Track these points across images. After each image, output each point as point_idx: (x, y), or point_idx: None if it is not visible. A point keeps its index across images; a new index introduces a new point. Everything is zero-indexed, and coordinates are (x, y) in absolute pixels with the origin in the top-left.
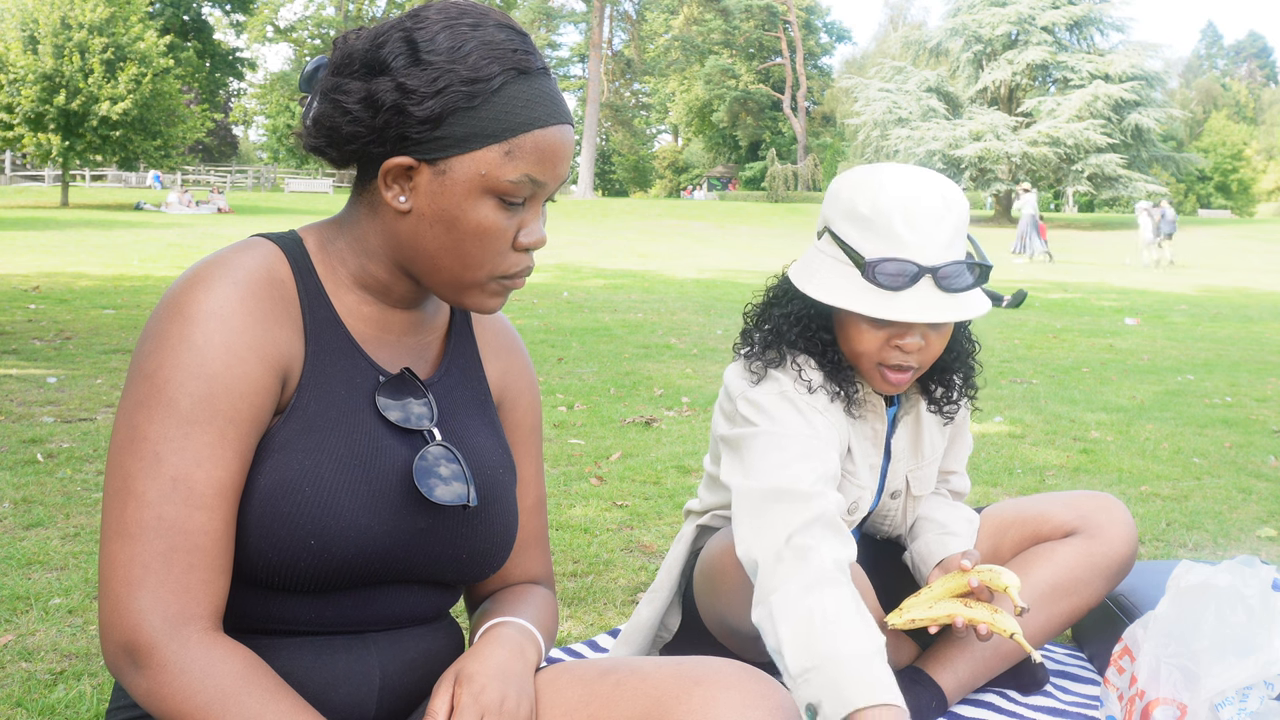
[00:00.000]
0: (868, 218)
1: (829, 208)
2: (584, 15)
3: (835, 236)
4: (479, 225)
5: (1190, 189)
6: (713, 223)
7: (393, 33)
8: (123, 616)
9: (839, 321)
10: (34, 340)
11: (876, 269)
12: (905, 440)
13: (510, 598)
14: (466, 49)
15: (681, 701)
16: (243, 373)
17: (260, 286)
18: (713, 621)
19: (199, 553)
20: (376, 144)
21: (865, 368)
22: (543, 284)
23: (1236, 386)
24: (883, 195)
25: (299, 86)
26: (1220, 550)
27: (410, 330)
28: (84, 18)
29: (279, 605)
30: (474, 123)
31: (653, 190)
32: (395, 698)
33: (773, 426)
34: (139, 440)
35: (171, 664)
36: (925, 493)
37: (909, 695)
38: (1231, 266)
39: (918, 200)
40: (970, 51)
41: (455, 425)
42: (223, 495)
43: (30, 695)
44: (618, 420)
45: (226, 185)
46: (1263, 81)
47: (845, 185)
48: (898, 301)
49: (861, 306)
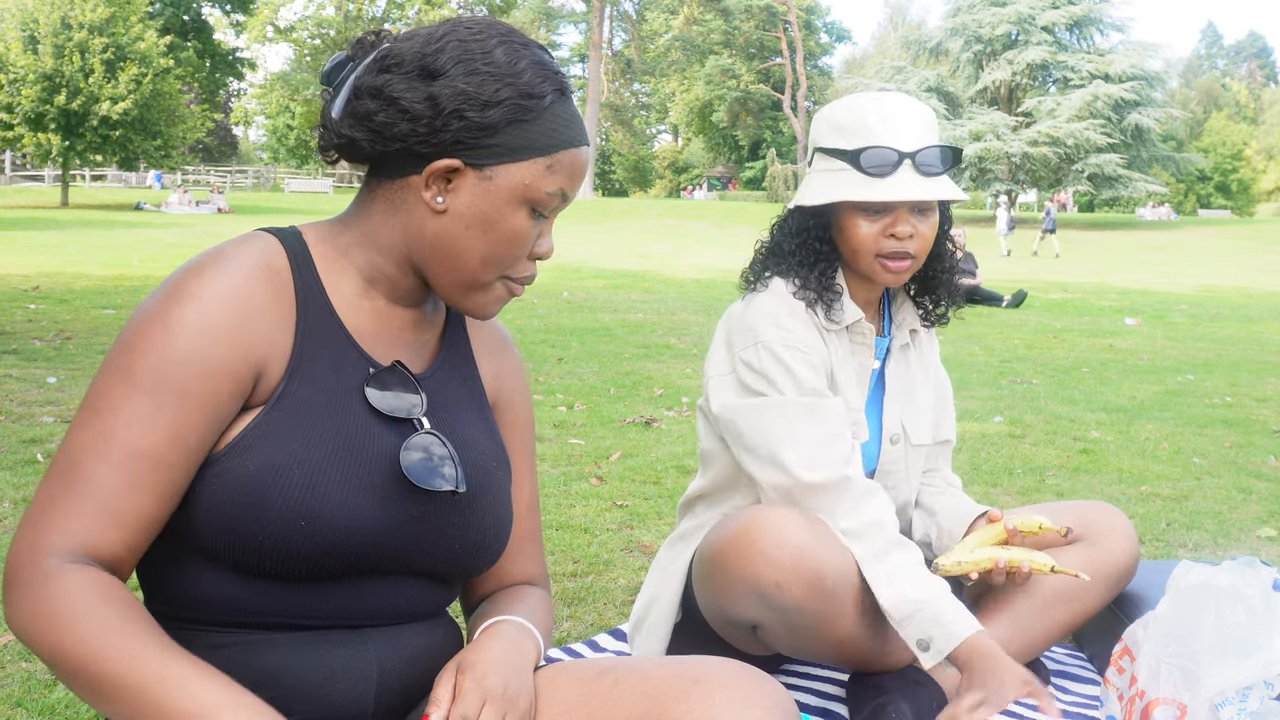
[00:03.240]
0: (845, 123)
1: (815, 133)
2: (584, 15)
3: (821, 150)
4: (512, 231)
5: (1190, 189)
6: (713, 223)
7: (448, 40)
8: (8, 549)
9: (837, 227)
10: (34, 340)
11: (862, 156)
12: (899, 375)
13: (507, 599)
14: (521, 65)
15: (680, 701)
16: (207, 353)
17: (254, 277)
18: (711, 612)
19: (88, 500)
20: (426, 144)
21: (865, 263)
22: (543, 284)
23: (1236, 386)
24: (856, 103)
25: (321, 80)
26: (1220, 550)
27: (409, 327)
28: (84, 18)
29: (275, 597)
30: (526, 136)
31: (653, 190)
32: (393, 694)
33: (780, 397)
34: (89, 395)
35: (24, 585)
36: (923, 443)
37: (910, 695)
38: (1231, 266)
39: (887, 100)
40: (970, 51)
41: (447, 417)
42: (136, 457)
43: (30, 695)
44: (618, 420)
45: (226, 185)
46: (1263, 81)
47: (825, 110)
48: (883, 185)
49: (852, 194)
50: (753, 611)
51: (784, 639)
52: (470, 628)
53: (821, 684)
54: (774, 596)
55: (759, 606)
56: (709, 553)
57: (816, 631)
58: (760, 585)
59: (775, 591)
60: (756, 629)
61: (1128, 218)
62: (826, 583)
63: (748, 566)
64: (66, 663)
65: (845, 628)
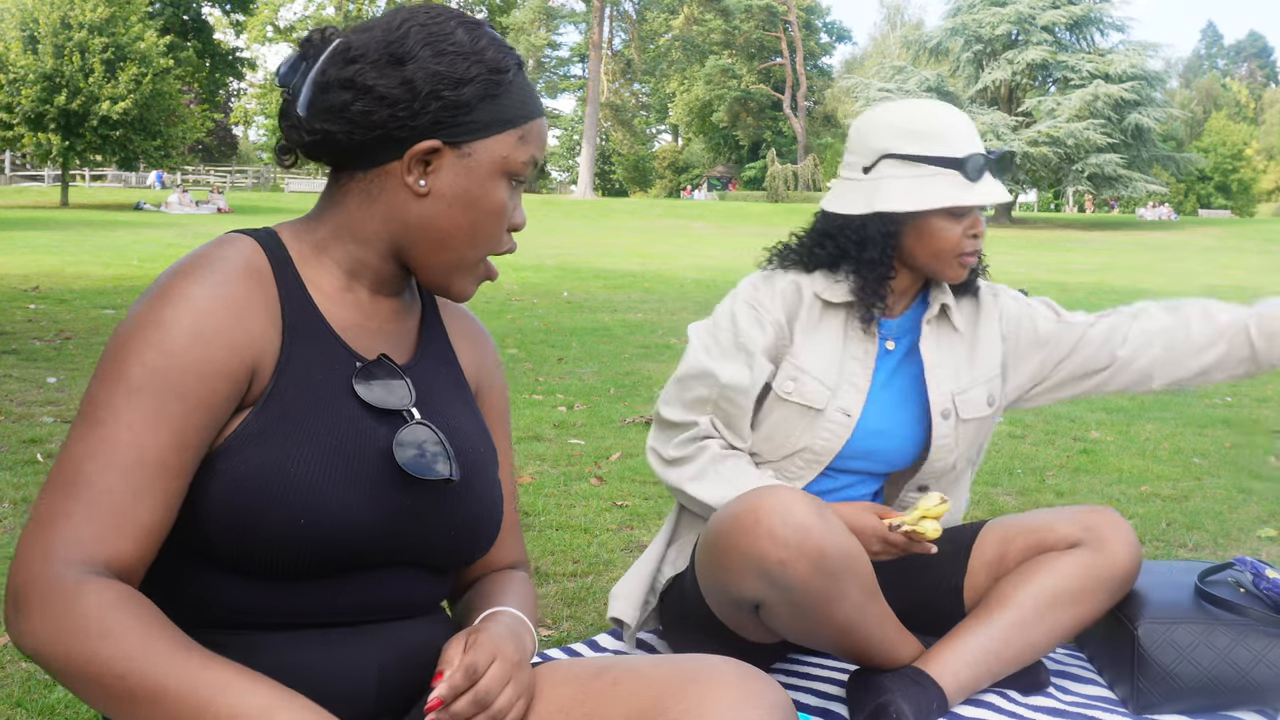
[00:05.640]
0: (927, 131)
1: (878, 139)
2: (584, 15)
3: (903, 156)
4: (496, 204)
5: (1190, 189)
6: (713, 223)
7: (409, 26)
8: (12, 564)
9: (917, 231)
10: (34, 340)
11: (967, 164)
12: (939, 352)
13: (498, 586)
14: (483, 44)
15: (677, 700)
16: (203, 354)
17: (237, 278)
18: (714, 593)
19: (98, 508)
20: (406, 128)
21: (944, 263)
22: (543, 284)
23: (1236, 386)
24: (925, 111)
25: (279, 82)
26: (1220, 550)
27: (392, 318)
28: (84, 17)
29: (274, 596)
30: (497, 110)
31: (653, 190)
32: (394, 691)
33: (707, 339)
34: (86, 405)
35: (42, 600)
36: (976, 416)
37: (910, 696)
38: (1231, 266)
39: (948, 110)
40: (970, 51)
41: (434, 406)
42: (141, 463)
43: (30, 695)
44: (618, 420)
45: (226, 185)
46: (1263, 81)
47: (886, 117)
48: (982, 189)
49: (963, 199)
50: (756, 590)
51: (786, 619)
52: (462, 614)
53: (821, 684)
54: (777, 574)
55: (762, 584)
56: (713, 532)
57: (818, 612)
58: (764, 563)
59: (779, 569)
60: (759, 609)
61: (1128, 218)
62: (830, 562)
63: (753, 544)
64: (102, 673)
65: (847, 611)
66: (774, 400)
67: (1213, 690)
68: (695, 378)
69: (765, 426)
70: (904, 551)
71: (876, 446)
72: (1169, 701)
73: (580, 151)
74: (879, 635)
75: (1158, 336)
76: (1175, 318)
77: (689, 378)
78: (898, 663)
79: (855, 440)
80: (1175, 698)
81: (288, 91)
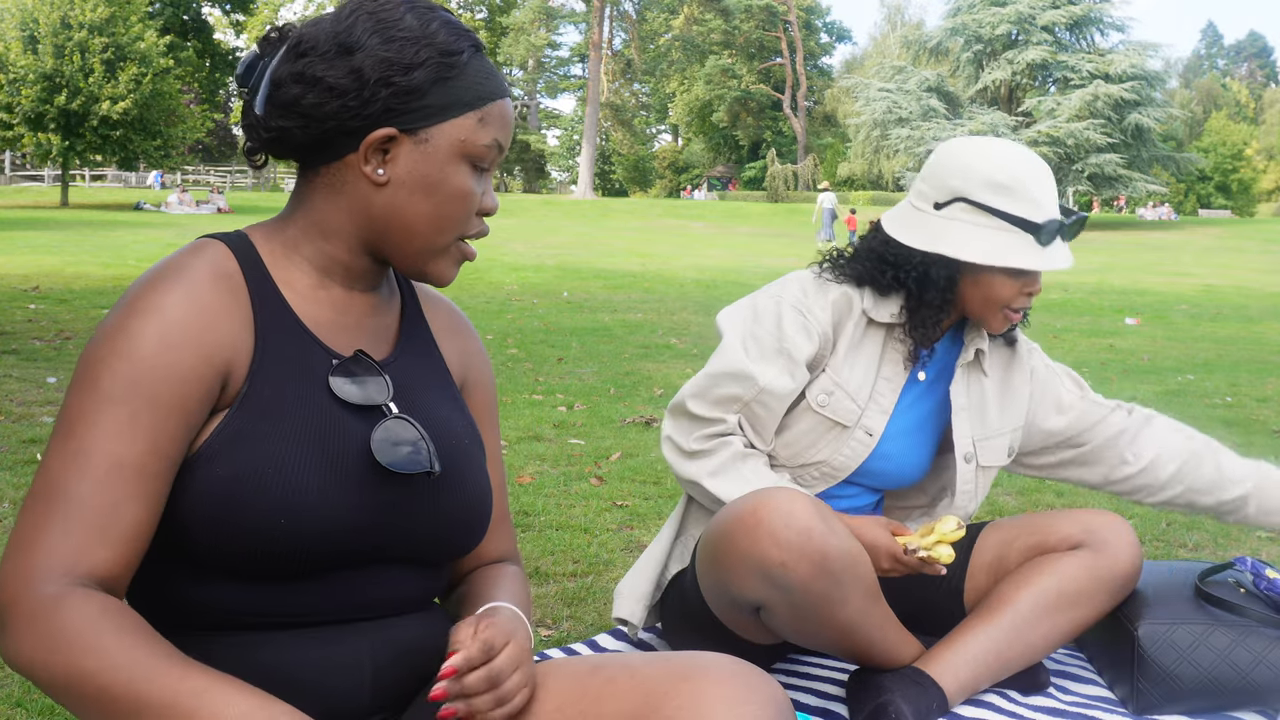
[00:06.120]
0: (1009, 185)
1: (957, 180)
2: (584, 15)
3: (978, 205)
4: (457, 189)
5: (1190, 189)
6: (713, 223)
7: (357, 15)
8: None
9: (972, 279)
10: (34, 340)
11: (1043, 230)
12: (967, 395)
13: (491, 579)
14: (434, 27)
15: (672, 697)
16: (174, 359)
17: (205, 283)
18: (715, 594)
19: (76, 520)
20: (358, 118)
21: (990, 313)
22: (543, 284)
23: (1237, 386)
24: (1011, 162)
25: (237, 82)
26: (1220, 550)
27: (368, 313)
28: (84, 17)
29: (262, 597)
30: (452, 93)
31: (653, 190)
32: (388, 688)
33: (748, 340)
34: (60, 419)
35: (24, 615)
36: (995, 464)
37: (910, 696)
38: (1231, 266)
39: (1036, 165)
40: (970, 51)
41: (415, 399)
42: (118, 470)
43: (30, 695)
44: (618, 420)
45: (226, 185)
46: (1263, 81)
47: (969, 159)
48: (1052, 255)
49: (1031, 263)
50: (757, 591)
51: (787, 620)
52: (456, 608)
53: (821, 684)
54: (779, 575)
55: (764, 585)
56: (714, 532)
57: (819, 613)
58: (766, 564)
59: (780, 570)
60: (760, 610)
61: (1128, 217)
62: (831, 564)
63: (754, 546)
64: (86, 686)
65: (848, 613)
66: (804, 409)
67: (1213, 691)
68: (731, 376)
69: (790, 433)
70: (913, 572)
71: (883, 469)
72: (1169, 702)
73: (580, 151)
74: (880, 637)
75: (1172, 461)
76: (1189, 447)
77: (724, 375)
78: (899, 663)
79: (868, 460)
80: (1175, 698)
81: (246, 91)
